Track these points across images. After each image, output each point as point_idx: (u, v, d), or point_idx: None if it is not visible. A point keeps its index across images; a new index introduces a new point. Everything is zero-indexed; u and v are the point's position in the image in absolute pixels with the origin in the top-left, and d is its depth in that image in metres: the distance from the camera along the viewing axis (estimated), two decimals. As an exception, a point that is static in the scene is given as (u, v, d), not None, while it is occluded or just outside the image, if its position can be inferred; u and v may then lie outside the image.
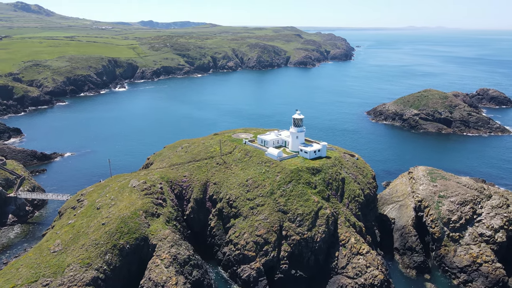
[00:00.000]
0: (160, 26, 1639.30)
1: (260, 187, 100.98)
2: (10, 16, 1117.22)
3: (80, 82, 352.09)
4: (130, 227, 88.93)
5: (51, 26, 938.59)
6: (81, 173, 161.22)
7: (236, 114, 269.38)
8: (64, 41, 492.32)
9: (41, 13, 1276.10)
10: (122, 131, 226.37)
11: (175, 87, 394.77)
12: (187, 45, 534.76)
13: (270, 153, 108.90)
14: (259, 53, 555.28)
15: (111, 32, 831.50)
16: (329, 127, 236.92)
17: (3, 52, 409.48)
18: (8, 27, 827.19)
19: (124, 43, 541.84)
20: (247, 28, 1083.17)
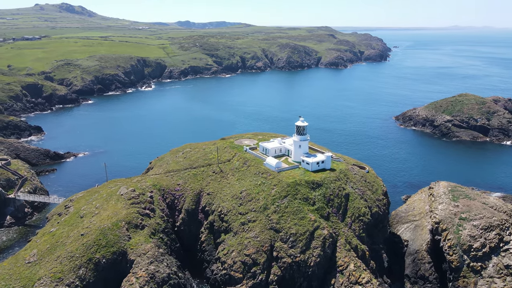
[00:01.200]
0: (196, 26, 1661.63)
1: (253, 200, 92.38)
2: (55, 17, 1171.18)
3: (107, 81, 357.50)
4: (109, 239, 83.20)
5: (91, 26, 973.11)
6: (89, 175, 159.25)
7: (257, 116, 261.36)
8: (98, 41, 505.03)
9: (84, 14, 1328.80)
10: (138, 131, 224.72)
11: (200, 87, 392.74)
12: (216, 45, 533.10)
13: (268, 163, 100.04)
14: (289, 53, 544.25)
15: (146, 32, 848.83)
16: (352, 131, 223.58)
17: (40, 51, 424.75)
18: (51, 27, 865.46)
19: (155, 43, 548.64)
20: (281, 28, 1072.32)
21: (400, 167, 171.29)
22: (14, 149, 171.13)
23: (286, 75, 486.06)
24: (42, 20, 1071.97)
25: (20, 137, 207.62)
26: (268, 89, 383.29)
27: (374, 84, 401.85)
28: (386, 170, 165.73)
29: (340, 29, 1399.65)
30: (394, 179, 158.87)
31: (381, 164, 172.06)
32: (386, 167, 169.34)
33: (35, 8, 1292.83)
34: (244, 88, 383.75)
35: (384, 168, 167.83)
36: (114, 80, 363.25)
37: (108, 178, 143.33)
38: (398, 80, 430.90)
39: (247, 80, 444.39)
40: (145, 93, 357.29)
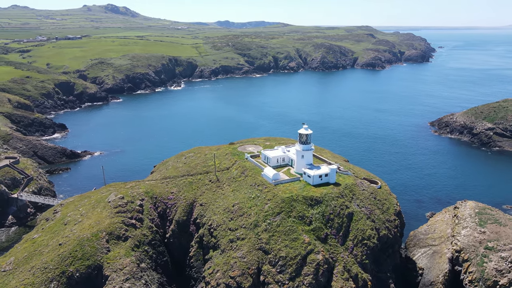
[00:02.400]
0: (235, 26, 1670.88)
1: (245, 216, 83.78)
2: (100, 17, 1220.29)
3: (138, 80, 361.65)
4: (85, 251, 77.91)
5: (133, 26, 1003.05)
6: (99, 175, 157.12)
7: (281, 118, 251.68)
8: (134, 40, 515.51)
9: (127, 14, 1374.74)
10: (158, 131, 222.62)
11: (229, 87, 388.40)
12: (249, 44, 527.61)
13: (265, 174, 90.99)
14: (323, 53, 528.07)
15: (184, 31, 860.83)
16: (380, 137, 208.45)
17: (78, 50, 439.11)
18: (95, 27, 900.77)
19: (190, 42, 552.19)
20: (319, 28, 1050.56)
21: (429, 179, 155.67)
22: (32, 146, 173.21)
23: (319, 76, 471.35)
24: (89, 20, 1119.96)
25: (44, 134, 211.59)
26: (298, 90, 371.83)
27: (411, 87, 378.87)
28: (412, 182, 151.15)
29: (382, 28, 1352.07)
30: (421, 192, 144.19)
31: (408, 175, 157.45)
32: (413, 179, 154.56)
33: (83, 9, 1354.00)
34: (273, 89, 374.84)
35: (411, 180, 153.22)
36: (144, 79, 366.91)
37: (113, 180, 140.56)
38: (438, 83, 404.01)
39: (278, 80, 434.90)
40: (174, 92, 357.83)
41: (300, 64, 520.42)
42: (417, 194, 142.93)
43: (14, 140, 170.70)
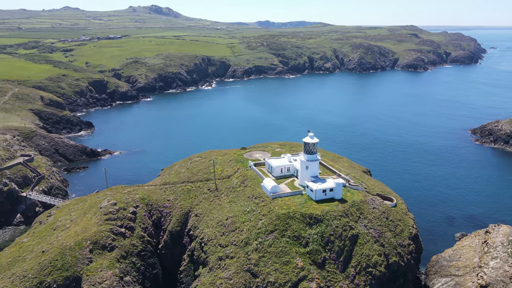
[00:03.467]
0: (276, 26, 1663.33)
1: (237, 231, 76.34)
2: (144, 18, 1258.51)
3: (169, 79, 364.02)
4: (66, 261, 73.85)
5: (174, 26, 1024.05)
6: (114, 176, 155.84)
7: (309, 121, 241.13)
8: (170, 40, 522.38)
9: (170, 15, 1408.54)
10: (181, 131, 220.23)
11: (261, 87, 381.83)
12: (284, 44, 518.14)
13: (264, 186, 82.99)
14: (361, 54, 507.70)
15: (223, 31, 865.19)
16: (415, 144, 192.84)
17: (116, 49, 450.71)
18: (138, 27, 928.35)
19: (225, 42, 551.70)
20: (360, 28, 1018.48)
21: (465, 194, 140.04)
22: (54, 144, 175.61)
23: (355, 77, 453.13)
24: (133, 21, 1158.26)
25: (70, 132, 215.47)
26: (331, 92, 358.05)
27: (453, 90, 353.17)
28: (445, 196, 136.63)
29: (429, 28, 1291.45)
30: (452, 209, 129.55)
31: (441, 188, 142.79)
32: (446, 193, 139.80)
33: (129, 10, 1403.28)
34: (305, 90, 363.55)
35: (444, 194, 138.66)
36: (176, 78, 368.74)
37: (123, 182, 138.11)
38: (484, 86, 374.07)
39: (312, 81, 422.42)
40: (204, 92, 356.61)
41: (336, 65, 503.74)
42: (449, 210, 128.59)
43: (38, 137, 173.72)
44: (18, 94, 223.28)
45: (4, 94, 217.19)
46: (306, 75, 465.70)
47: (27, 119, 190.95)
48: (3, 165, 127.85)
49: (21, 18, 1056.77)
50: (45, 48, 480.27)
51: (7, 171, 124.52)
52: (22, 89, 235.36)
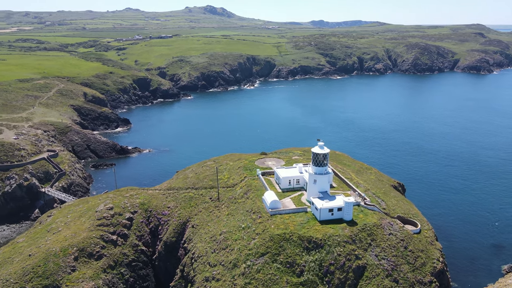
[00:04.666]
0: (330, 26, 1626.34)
1: (227, 249, 68.03)
2: (199, 18, 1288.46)
3: (212, 78, 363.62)
4: (47, 268, 70.15)
5: (227, 26, 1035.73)
6: (138, 174, 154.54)
7: (348, 126, 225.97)
8: (217, 39, 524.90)
9: (224, 15, 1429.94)
10: (213, 130, 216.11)
11: (305, 88, 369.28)
12: (333, 44, 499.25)
13: (264, 200, 73.84)
14: (416, 54, 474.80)
15: (274, 31, 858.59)
16: (466, 157, 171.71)
17: (165, 48, 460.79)
18: (191, 27, 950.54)
19: (272, 41, 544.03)
20: (420, 27, 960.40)
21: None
22: (86, 140, 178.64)
23: (408, 79, 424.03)
24: (188, 21, 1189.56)
25: (107, 128, 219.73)
26: (379, 94, 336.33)
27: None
28: (492, 221, 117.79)
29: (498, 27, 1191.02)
30: (502, 236, 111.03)
31: (491, 211, 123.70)
32: (495, 216, 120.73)
33: (185, 10, 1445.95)
34: (351, 92, 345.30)
35: (492, 217, 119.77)
36: (219, 77, 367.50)
37: (139, 183, 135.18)
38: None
39: (360, 83, 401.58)
40: (246, 91, 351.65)
41: (388, 66, 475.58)
42: (497, 237, 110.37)
43: (72, 133, 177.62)
44: (63, 90, 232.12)
45: (50, 90, 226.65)
46: (354, 76, 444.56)
47: (65, 115, 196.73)
48: (28, 159, 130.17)
49: (87, 19, 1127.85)
50: (102, 47, 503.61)
51: (29, 166, 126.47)
52: (68, 86, 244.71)
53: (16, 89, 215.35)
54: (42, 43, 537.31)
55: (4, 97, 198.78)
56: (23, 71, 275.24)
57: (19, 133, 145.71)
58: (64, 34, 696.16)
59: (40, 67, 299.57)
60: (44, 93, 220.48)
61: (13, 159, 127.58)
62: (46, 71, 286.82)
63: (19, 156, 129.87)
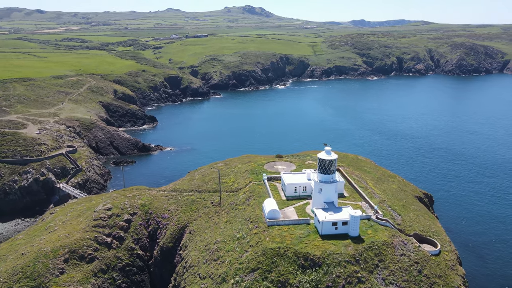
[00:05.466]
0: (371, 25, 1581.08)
1: (219, 261, 62.39)
2: (237, 18, 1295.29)
3: (243, 77, 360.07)
4: (36, 269, 67.82)
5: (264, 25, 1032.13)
6: (156, 173, 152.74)
7: (377, 128, 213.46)
8: (252, 38, 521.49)
9: (262, 14, 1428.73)
10: (238, 130, 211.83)
11: (338, 88, 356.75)
12: (370, 43, 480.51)
13: (264, 208, 67.40)
14: (461, 54, 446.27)
15: (311, 30, 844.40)
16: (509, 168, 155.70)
17: (199, 47, 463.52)
18: (228, 27, 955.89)
19: (307, 41, 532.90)
20: (467, 26, 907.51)
21: None
22: (110, 136, 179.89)
23: (452, 81, 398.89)
24: (226, 21, 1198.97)
25: (134, 125, 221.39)
26: (418, 97, 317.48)
27: None
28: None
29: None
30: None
31: None
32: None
33: (224, 10, 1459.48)
34: (387, 93, 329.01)
35: None
36: (250, 76, 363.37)
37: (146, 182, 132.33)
38: None
39: (398, 84, 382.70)
40: (277, 91, 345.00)
41: (430, 66, 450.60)
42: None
43: (96, 129, 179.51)
44: (93, 87, 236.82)
45: (81, 87, 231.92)
46: (392, 77, 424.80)
47: (93, 111, 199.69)
48: (47, 154, 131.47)
49: (130, 19, 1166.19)
50: (140, 46, 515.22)
51: (47, 161, 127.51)
52: (99, 83, 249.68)
53: (49, 85, 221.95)
54: (85, 42, 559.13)
55: (37, 92, 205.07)
56: (60, 68, 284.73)
57: (42, 128, 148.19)
58: (107, 34, 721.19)
59: (77, 65, 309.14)
60: (75, 89, 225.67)
61: (32, 154, 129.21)
62: (83, 68, 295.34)
63: (39, 151, 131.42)
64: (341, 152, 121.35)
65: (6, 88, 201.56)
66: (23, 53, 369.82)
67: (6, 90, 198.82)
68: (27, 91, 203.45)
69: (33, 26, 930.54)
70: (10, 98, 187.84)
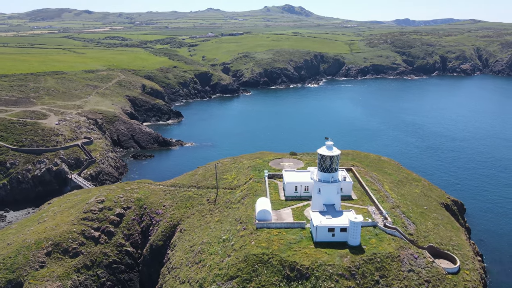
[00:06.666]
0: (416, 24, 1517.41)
1: (200, 265, 55.91)
2: (276, 17, 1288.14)
3: (275, 75, 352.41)
4: (16, 261, 64.68)
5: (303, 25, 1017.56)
6: (170, 168, 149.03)
7: (412, 129, 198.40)
8: (287, 36, 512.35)
9: (301, 14, 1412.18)
10: (262, 128, 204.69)
11: (374, 87, 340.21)
12: (412, 42, 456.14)
13: (256, 207, 60.02)
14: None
15: (350, 29, 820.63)
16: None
17: (233, 45, 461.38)
18: (266, 26, 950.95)
19: (344, 39, 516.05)
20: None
21: None
22: (131, 130, 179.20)
23: (501, 82, 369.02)
24: (265, 20, 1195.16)
25: (159, 120, 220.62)
26: (463, 98, 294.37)
27: None
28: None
29: None
30: None
31: None
32: None
33: (263, 10, 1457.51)
34: (427, 94, 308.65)
35: None
36: (282, 74, 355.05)
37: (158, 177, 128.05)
38: None
39: (440, 84, 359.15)
40: (309, 89, 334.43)
41: (477, 66, 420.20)
42: None
43: (119, 122, 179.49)
44: (122, 81, 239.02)
45: (110, 81, 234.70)
46: (434, 77, 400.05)
47: (117, 105, 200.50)
48: (63, 145, 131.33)
49: (171, 19, 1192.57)
50: (176, 44, 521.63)
51: (61, 152, 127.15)
52: (128, 77, 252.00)
53: (79, 79, 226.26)
54: (125, 40, 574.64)
55: (66, 85, 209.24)
56: (95, 63, 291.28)
57: (62, 119, 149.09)
58: (147, 32, 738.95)
59: (112, 60, 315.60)
60: (104, 83, 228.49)
61: (48, 144, 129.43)
62: (116, 64, 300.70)
63: (55, 141, 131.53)
64: (362, 152, 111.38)
65: (38, 81, 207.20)
66: (64, 49, 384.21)
67: (37, 82, 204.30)
68: (57, 84, 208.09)
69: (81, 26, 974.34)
70: (40, 90, 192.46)
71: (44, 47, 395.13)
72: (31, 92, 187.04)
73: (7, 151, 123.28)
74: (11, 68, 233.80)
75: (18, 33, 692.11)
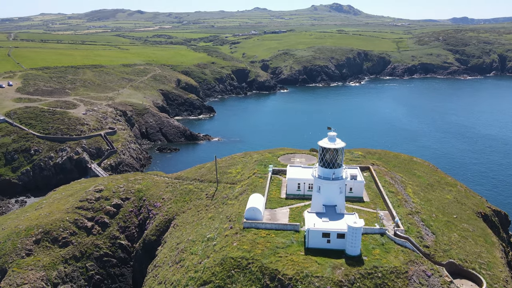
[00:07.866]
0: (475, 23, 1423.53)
1: (179, 265, 50.02)
2: (323, 16, 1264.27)
3: (314, 73, 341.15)
4: (4, 247, 62.99)
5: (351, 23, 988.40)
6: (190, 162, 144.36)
7: (458, 132, 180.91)
8: (330, 34, 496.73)
9: (350, 12, 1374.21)
10: (294, 125, 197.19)
11: (421, 88, 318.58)
12: (466, 39, 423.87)
13: (247, 205, 53.00)
14: None
15: (401, 28, 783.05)
16: None
17: (275, 42, 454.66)
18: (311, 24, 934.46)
19: (391, 37, 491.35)
20: None
21: None
22: (160, 123, 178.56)
23: None
24: (312, 19, 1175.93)
25: (191, 114, 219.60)
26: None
27: None
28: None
29: None
30: None
31: None
32: None
33: (310, 9, 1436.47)
34: (481, 95, 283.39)
35: None
36: (322, 71, 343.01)
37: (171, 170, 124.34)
38: None
39: (497, 85, 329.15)
40: (349, 88, 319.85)
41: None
42: None
43: (148, 115, 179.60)
44: (157, 75, 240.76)
45: (145, 75, 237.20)
46: (491, 78, 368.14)
47: (149, 98, 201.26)
48: (86, 134, 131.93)
49: (217, 18, 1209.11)
50: (219, 41, 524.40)
51: (84, 141, 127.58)
52: (164, 72, 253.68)
53: (116, 72, 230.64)
54: (171, 38, 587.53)
55: (103, 78, 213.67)
56: (134, 58, 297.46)
57: (90, 109, 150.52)
58: (193, 31, 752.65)
59: (152, 56, 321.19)
60: (140, 77, 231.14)
61: (73, 133, 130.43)
62: (156, 59, 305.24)
63: (79, 131, 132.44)
64: (392, 152, 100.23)
65: (77, 73, 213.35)
66: (111, 45, 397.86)
67: (76, 74, 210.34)
68: (94, 76, 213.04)
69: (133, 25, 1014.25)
70: (76, 82, 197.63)
71: (93, 43, 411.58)
72: (68, 83, 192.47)
73: (33, 138, 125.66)
74: (55, 61, 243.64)
75: (75, 32, 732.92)
